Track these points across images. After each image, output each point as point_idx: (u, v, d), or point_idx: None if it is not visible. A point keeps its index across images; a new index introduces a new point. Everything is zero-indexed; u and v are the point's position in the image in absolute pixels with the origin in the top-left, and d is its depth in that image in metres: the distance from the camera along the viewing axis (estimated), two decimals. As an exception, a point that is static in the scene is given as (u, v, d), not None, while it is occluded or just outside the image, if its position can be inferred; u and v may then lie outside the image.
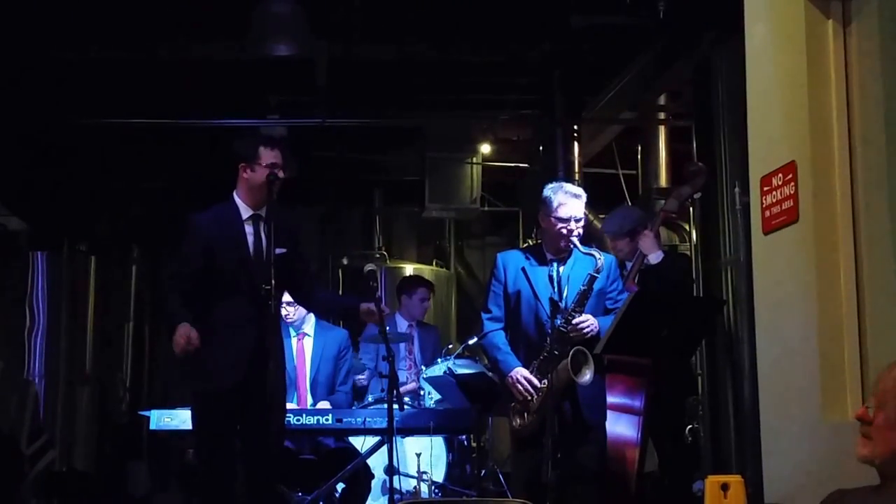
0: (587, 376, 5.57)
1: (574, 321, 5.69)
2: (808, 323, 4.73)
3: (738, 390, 7.08)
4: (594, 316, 5.78)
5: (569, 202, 5.88)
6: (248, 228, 5.56)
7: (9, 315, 10.20)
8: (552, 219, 5.88)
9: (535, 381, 5.75)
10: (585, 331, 5.71)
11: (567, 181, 7.04)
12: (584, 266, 5.83)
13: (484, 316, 6.04)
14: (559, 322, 5.66)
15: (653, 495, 6.48)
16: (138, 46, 8.86)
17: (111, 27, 8.63)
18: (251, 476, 5.51)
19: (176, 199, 10.99)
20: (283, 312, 7.17)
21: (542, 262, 5.92)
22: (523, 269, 5.91)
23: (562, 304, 5.70)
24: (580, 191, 6.03)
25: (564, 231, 5.84)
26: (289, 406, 6.61)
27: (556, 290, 5.76)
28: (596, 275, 5.74)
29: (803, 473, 4.76)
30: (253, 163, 5.54)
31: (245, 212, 5.58)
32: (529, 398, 5.75)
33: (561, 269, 5.86)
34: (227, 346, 5.43)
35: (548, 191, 5.97)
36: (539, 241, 6.26)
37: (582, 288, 5.74)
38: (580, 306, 5.73)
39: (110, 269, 10.97)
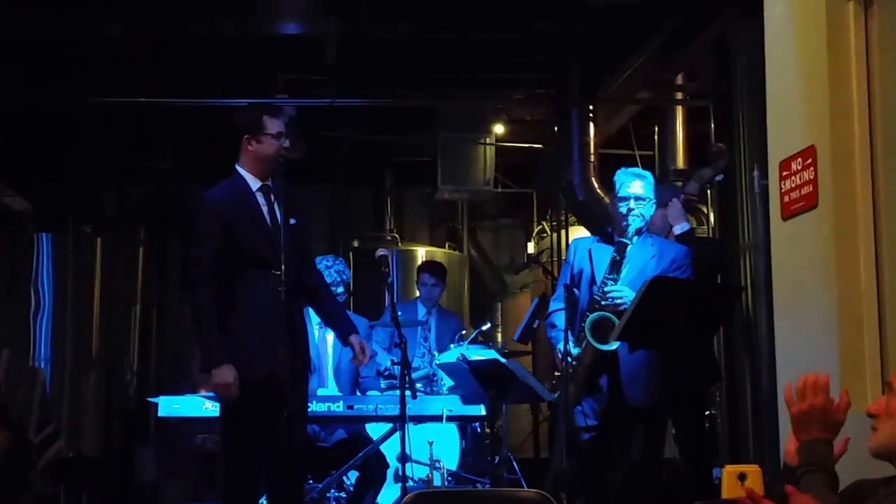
0: (612, 344, 5.62)
1: (606, 289, 5.74)
2: (828, 310, 4.66)
3: (756, 378, 6.99)
4: None
5: (628, 181, 5.93)
6: (261, 200, 5.33)
7: (14, 298, 10.08)
8: (615, 198, 5.97)
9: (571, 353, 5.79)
10: (617, 301, 5.71)
11: (581, 163, 7.04)
12: (646, 249, 5.92)
13: (551, 298, 6.24)
14: (595, 291, 5.77)
15: (672, 482, 6.41)
16: (145, 23, 8.75)
17: (117, 4, 8.52)
18: (274, 466, 5.31)
19: (183, 178, 10.92)
20: None
21: (609, 243, 5.98)
22: (589, 251, 5.98)
23: (618, 285, 5.74)
24: (644, 172, 6.09)
25: (624, 210, 5.84)
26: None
27: (614, 272, 5.79)
28: (628, 242, 5.79)
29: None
30: (259, 133, 5.32)
31: (254, 183, 5.34)
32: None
33: (625, 251, 5.86)
34: (259, 330, 5.20)
35: (617, 173, 6.06)
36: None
37: (614, 256, 5.79)
38: (614, 275, 5.78)
39: (116, 251, 10.87)
